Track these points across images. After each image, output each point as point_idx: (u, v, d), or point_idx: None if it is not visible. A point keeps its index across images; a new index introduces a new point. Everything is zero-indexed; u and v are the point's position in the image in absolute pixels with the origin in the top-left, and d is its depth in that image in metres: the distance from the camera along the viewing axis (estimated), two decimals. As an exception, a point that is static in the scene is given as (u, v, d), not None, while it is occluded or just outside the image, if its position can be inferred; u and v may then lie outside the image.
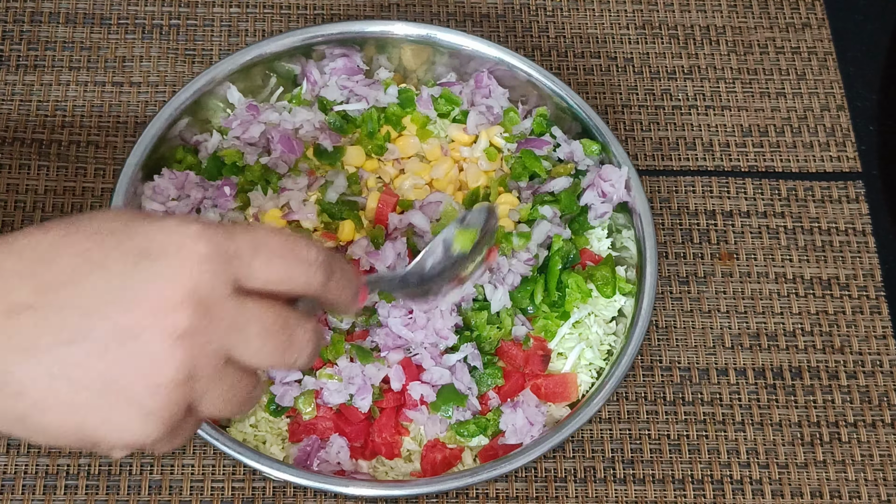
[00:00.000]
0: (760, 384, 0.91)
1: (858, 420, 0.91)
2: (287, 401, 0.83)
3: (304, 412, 0.83)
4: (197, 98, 0.92)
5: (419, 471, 0.83)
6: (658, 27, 1.08)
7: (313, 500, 0.85)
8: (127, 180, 0.87)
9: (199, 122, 0.94)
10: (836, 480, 0.88)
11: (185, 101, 0.91)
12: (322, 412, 0.83)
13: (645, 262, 0.87)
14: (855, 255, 0.97)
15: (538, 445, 0.80)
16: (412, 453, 0.84)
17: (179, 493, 0.85)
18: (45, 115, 0.99)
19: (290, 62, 0.95)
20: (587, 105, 0.93)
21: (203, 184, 0.90)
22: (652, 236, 0.88)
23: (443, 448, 0.83)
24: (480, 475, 0.79)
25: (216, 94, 0.93)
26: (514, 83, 0.95)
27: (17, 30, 1.03)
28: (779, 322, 0.94)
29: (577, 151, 0.93)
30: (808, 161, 1.02)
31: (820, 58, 1.07)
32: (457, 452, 0.83)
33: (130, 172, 0.88)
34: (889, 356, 0.93)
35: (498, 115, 0.95)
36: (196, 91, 0.92)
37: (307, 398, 0.83)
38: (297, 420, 0.84)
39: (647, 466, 0.88)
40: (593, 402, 0.82)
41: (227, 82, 0.93)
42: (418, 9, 1.07)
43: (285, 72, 0.96)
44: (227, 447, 0.79)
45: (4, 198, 0.95)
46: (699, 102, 1.04)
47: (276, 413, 0.84)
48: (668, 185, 0.99)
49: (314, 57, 0.95)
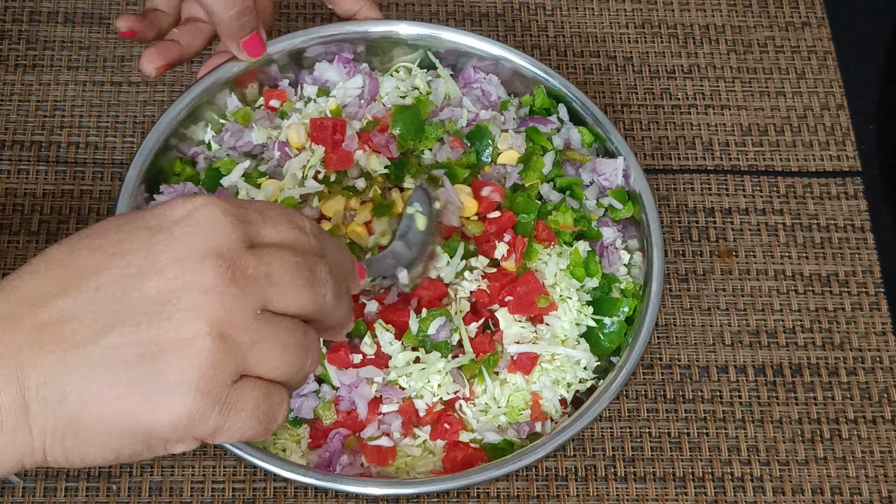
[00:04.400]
0: (760, 381, 0.91)
1: (859, 417, 0.91)
2: (306, 412, 0.83)
3: (325, 419, 0.83)
4: (191, 109, 0.91)
5: (440, 469, 0.83)
6: (658, 26, 1.08)
7: (314, 499, 0.85)
8: (128, 196, 0.86)
9: (196, 133, 0.93)
10: (836, 477, 0.88)
11: (182, 109, 0.90)
12: (341, 417, 0.83)
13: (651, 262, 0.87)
14: (854, 251, 0.97)
15: (541, 447, 0.80)
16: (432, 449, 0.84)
17: (180, 495, 0.85)
18: (43, 115, 0.99)
19: (283, 72, 0.95)
20: (585, 97, 0.93)
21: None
22: (658, 234, 0.88)
23: (465, 447, 0.83)
24: (482, 475, 0.79)
25: (213, 105, 0.92)
26: (506, 78, 0.96)
27: (16, 29, 1.03)
28: (778, 319, 0.94)
29: (575, 139, 0.93)
30: (808, 160, 1.01)
31: (820, 57, 1.07)
32: (478, 453, 0.83)
33: (131, 187, 0.87)
34: (889, 352, 0.93)
35: (495, 102, 0.95)
36: (190, 101, 0.91)
37: (327, 407, 0.83)
38: (316, 426, 0.83)
39: (648, 464, 0.88)
40: (598, 404, 0.81)
41: (227, 90, 0.92)
42: (417, 8, 1.07)
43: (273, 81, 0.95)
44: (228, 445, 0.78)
45: (3, 201, 0.95)
46: (699, 101, 1.04)
47: (296, 423, 0.83)
48: (667, 183, 1.00)
49: (305, 65, 0.95)
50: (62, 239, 0.60)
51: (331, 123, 0.89)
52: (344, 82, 0.94)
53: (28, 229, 0.94)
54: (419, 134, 0.90)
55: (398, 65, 0.97)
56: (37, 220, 0.94)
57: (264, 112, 0.93)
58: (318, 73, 0.95)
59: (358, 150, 0.89)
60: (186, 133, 0.92)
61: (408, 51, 0.96)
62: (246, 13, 0.85)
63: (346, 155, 0.89)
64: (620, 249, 0.90)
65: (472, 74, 0.96)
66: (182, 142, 0.91)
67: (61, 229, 0.94)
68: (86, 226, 0.93)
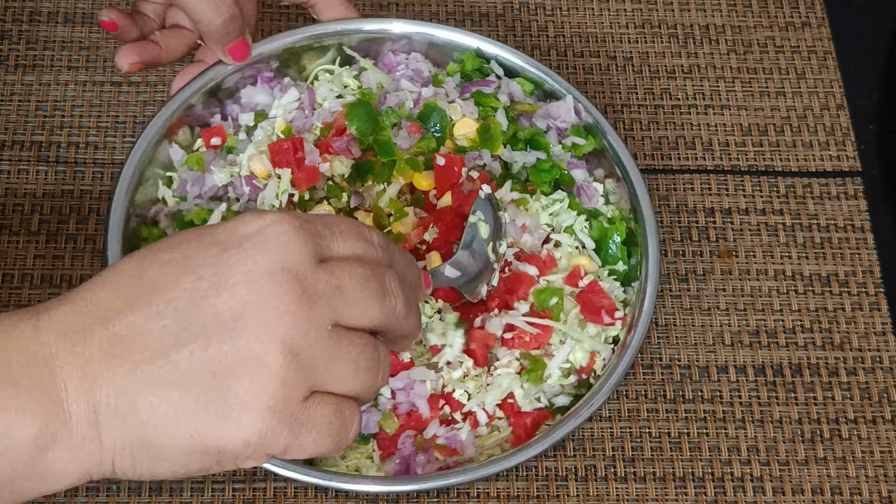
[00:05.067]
0: (760, 381, 0.91)
1: (859, 417, 0.91)
2: (372, 428, 0.83)
3: (389, 428, 0.83)
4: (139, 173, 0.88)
5: (511, 438, 0.84)
6: (657, 26, 1.08)
7: (314, 499, 0.85)
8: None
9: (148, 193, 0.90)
10: (836, 477, 0.88)
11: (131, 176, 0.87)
12: (403, 420, 0.83)
13: (647, 259, 0.87)
14: (854, 251, 0.97)
15: (538, 443, 0.80)
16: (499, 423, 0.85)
17: (180, 495, 0.85)
18: (43, 115, 0.99)
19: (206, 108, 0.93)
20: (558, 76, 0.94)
21: None
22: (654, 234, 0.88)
23: (530, 413, 0.84)
24: (479, 472, 0.79)
25: (156, 161, 0.90)
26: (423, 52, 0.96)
27: (16, 29, 1.03)
28: (778, 319, 0.94)
29: (516, 90, 0.94)
30: (808, 160, 1.01)
31: (819, 57, 1.07)
32: (544, 412, 0.84)
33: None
34: (889, 352, 0.93)
35: (428, 77, 0.95)
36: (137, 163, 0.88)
37: (388, 416, 0.83)
38: (382, 436, 0.83)
39: (648, 464, 0.88)
40: (594, 400, 0.82)
41: (165, 141, 0.90)
42: (417, 8, 1.07)
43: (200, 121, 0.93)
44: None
45: (3, 201, 0.95)
46: (699, 101, 1.04)
47: (364, 440, 0.83)
48: (667, 183, 1.00)
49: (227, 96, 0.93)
50: (135, 252, 0.60)
51: (289, 144, 0.88)
52: (278, 100, 0.93)
53: (28, 229, 0.94)
54: (375, 126, 0.90)
55: (315, 70, 0.96)
56: (37, 220, 0.94)
57: (212, 153, 0.91)
58: (247, 100, 0.93)
59: (322, 163, 0.89)
60: (137, 199, 0.88)
61: (319, 54, 0.95)
62: (233, 20, 0.86)
63: (313, 170, 0.88)
64: (592, 184, 0.93)
65: (392, 58, 0.96)
66: (137, 207, 0.88)
67: (61, 229, 0.94)
68: (86, 226, 0.94)
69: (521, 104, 0.94)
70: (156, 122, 0.89)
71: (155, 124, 0.89)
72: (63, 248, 0.93)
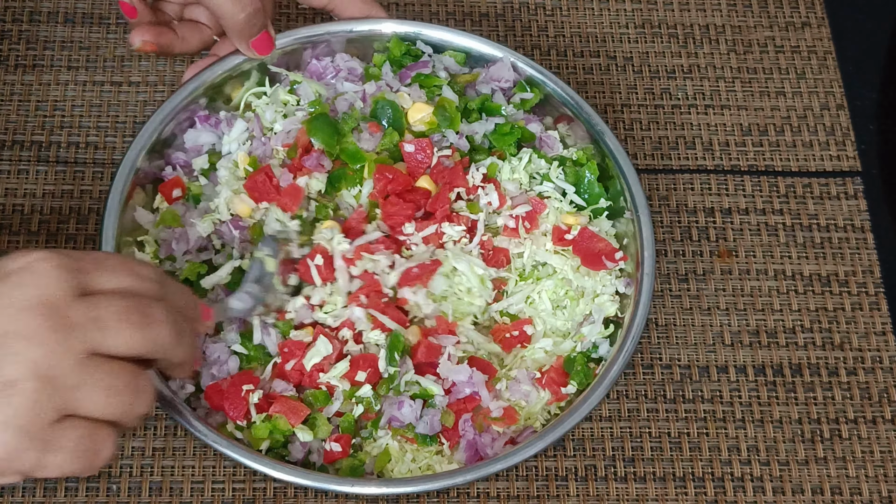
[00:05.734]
0: (760, 381, 0.91)
1: (859, 416, 0.91)
2: (435, 428, 0.83)
3: (448, 423, 0.83)
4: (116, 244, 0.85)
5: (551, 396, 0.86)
6: (657, 26, 1.08)
7: (314, 499, 0.85)
8: None
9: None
10: (836, 477, 0.88)
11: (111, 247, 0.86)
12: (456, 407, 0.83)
13: (643, 259, 0.87)
14: (854, 251, 0.97)
15: (536, 442, 0.80)
16: None
17: (180, 495, 0.85)
18: (43, 115, 0.99)
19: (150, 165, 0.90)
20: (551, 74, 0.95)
21: None
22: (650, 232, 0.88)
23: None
24: (479, 472, 0.79)
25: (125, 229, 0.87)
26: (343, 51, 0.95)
27: (16, 29, 1.03)
28: (778, 319, 0.94)
29: (451, 64, 0.95)
30: (808, 160, 1.01)
31: (820, 57, 1.07)
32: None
33: None
34: (889, 352, 0.93)
35: (361, 74, 0.94)
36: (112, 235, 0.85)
37: (447, 413, 0.83)
38: (445, 430, 0.83)
39: (648, 464, 0.88)
40: (590, 400, 0.82)
41: (134, 205, 0.88)
42: (417, 8, 1.07)
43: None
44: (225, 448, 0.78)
45: (3, 201, 0.95)
46: (699, 101, 1.04)
47: (431, 441, 0.83)
48: (667, 183, 1.00)
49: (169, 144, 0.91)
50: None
51: (262, 176, 0.88)
52: (227, 135, 0.92)
53: (28, 229, 0.94)
54: (337, 133, 0.89)
55: (245, 96, 0.94)
56: (37, 220, 0.94)
57: (181, 206, 0.90)
58: (191, 143, 0.92)
59: (298, 179, 0.88)
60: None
61: (241, 80, 0.93)
62: (256, 14, 0.86)
63: (294, 188, 0.87)
64: (548, 132, 0.94)
65: (318, 64, 0.95)
66: None
67: (61, 229, 0.94)
68: (86, 226, 0.94)
69: (461, 75, 0.95)
70: (114, 195, 0.86)
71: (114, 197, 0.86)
72: (63, 248, 0.93)
